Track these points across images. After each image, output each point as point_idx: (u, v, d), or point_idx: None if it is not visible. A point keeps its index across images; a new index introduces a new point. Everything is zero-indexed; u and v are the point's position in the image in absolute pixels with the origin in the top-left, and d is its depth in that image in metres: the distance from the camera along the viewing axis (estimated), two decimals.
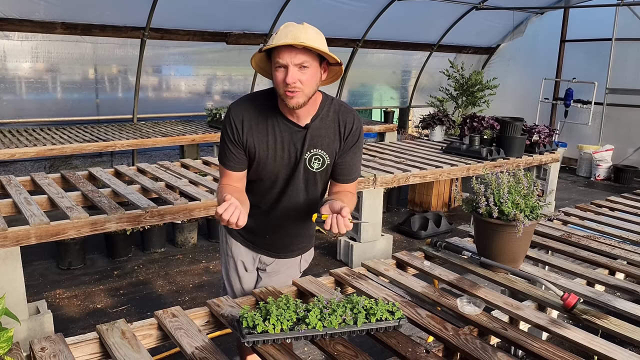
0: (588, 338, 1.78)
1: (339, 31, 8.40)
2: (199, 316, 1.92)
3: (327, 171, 2.01)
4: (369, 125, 7.90)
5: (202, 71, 8.05)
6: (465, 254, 2.47)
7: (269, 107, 1.91)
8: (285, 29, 1.74)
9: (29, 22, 6.07)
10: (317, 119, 1.92)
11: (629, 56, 8.61)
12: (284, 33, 1.72)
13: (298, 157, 1.94)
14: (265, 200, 2.05)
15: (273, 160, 1.94)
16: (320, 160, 1.96)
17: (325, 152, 1.96)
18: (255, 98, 1.95)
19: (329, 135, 1.95)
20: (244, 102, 1.95)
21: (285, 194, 2.01)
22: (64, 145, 5.31)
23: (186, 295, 3.95)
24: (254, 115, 1.90)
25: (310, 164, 1.96)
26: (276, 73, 1.76)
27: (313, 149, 1.94)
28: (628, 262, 2.54)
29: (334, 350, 1.68)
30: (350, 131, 1.96)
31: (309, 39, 1.71)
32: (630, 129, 8.68)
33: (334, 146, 1.96)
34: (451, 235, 5.40)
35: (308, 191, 2.03)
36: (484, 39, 10.35)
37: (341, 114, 1.96)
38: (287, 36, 1.70)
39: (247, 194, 2.03)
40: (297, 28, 1.73)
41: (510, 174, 2.36)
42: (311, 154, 1.94)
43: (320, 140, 1.94)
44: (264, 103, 1.92)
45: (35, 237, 2.94)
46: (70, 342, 1.68)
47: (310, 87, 1.78)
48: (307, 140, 1.92)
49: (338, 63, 1.83)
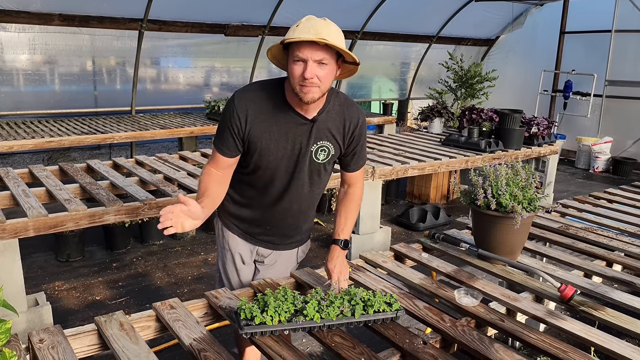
0: (585, 329, 1.79)
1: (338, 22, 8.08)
2: (197, 308, 1.92)
3: (331, 162, 2.03)
4: (367, 117, 7.88)
5: (201, 63, 8.02)
6: (463, 246, 2.47)
7: (276, 98, 1.89)
8: (308, 22, 1.72)
9: (26, 14, 6.03)
10: (324, 112, 1.92)
11: (629, 48, 8.59)
12: (306, 27, 1.70)
13: (303, 149, 1.93)
14: (267, 193, 2.03)
15: (275, 151, 1.92)
16: (326, 151, 1.97)
17: (330, 144, 1.97)
18: (262, 88, 1.92)
19: (334, 127, 1.95)
20: (250, 91, 1.92)
21: (289, 186, 2.00)
22: (62, 138, 5.29)
23: (185, 287, 3.96)
24: (260, 105, 1.88)
25: (317, 156, 1.97)
26: (294, 66, 1.75)
27: (320, 141, 1.94)
28: (625, 254, 2.55)
29: (332, 342, 1.68)
30: (356, 126, 1.99)
31: (331, 36, 1.70)
32: (629, 121, 8.67)
33: (339, 138, 1.98)
34: (449, 227, 5.41)
35: (312, 183, 2.04)
36: (483, 31, 10.32)
37: (347, 109, 1.97)
38: (310, 31, 1.68)
39: (249, 186, 2.03)
40: (319, 23, 1.72)
41: (509, 166, 2.36)
42: (318, 147, 1.95)
43: (326, 133, 1.95)
44: (271, 93, 1.90)
45: (34, 230, 2.93)
46: (68, 333, 1.69)
47: (326, 84, 1.79)
48: (313, 133, 1.92)
49: (356, 62, 1.83)
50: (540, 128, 5.59)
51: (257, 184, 2.03)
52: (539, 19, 9.91)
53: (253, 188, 2.04)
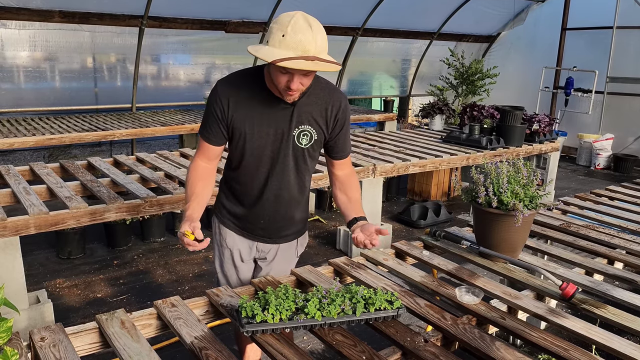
0: (586, 327, 1.79)
1: (339, 19, 8.35)
2: (198, 306, 1.92)
3: (315, 147, 2.04)
4: (368, 114, 7.88)
5: (201, 60, 8.01)
6: (464, 244, 2.47)
7: (256, 85, 1.92)
8: (295, 37, 1.68)
9: (26, 10, 6.03)
10: (304, 95, 1.93)
11: (630, 44, 8.56)
12: (293, 42, 1.68)
13: (286, 134, 1.96)
14: (255, 182, 2.05)
15: (259, 137, 1.95)
16: (308, 135, 1.99)
17: (312, 129, 1.99)
18: (243, 75, 1.97)
19: (316, 111, 1.97)
20: (232, 79, 1.97)
21: (274, 172, 2.02)
22: (63, 135, 5.29)
23: (186, 285, 3.96)
24: (241, 92, 1.92)
25: (299, 140, 1.99)
26: (278, 74, 1.76)
27: (301, 125, 1.96)
28: (627, 252, 2.55)
29: (333, 340, 1.68)
30: (338, 110, 2.01)
31: (319, 50, 1.70)
32: (630, 117, 8.65)
33: (322, 123, 2.00)
34: (450, 224, 5.41)
35: (298, 169, 2.06)
36: (484, 27, 10.29)
37: (329, 93, 1.99)
38: (297, 48, 1.67)
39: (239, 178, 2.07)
40: (307, 38, 1.69)
41: (510, 164, 2.36)
42: (299, 130, 1.97)
43: (307, 117, 1.97)
44: (251, 80, 1.93)
45: (35, 227, 2.94)
46: (70, 332, 1.69)
47: (308, 85, 1.83)
48: (294, 117, 1.94)
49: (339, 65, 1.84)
50: (542, 125, 5.59)
51: (245, 174, 2.05)
52: (540, 15, 9.89)
53: (242, 179, 2.07)
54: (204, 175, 2.04)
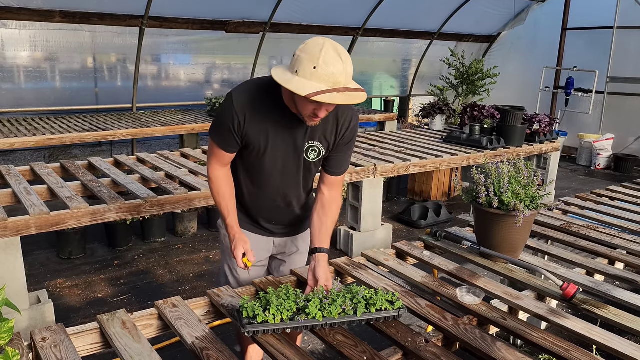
0: (587, 328, 1.79)
1: (339, 19, 8.34)
2: (199, 306, 1.92)
3: (320, 160, 2.07)
4: (369, 114, 7.87)
5: (202, 60, 8.01)
6: (465, 244, 2.47)
7: (272, 99, 1.90)
8: (327, 70, 1.66)
9: (27, 10, 6.03)
10: None
11: (631, 44, 8.55)
12: (324, 75, 1.66)
13: (299, 149, 1.98)
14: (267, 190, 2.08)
15: (272, 150, 1.96)
16: (316, 151, 2.01)
17: (321, 144, 2.00)
18: (259, 88, 1.93)
19: (327, 128, 1.97)
20: (247, 91, 1.93)
21: (283, 181, 2.06)
22: (64, 135, 5.29)
23: (187, 285, 3.96)
24: (257, 106, 1.90)
25: (307, 154, 2.00)
26: (306, 103, 1.74)
27: (312, 141, 1.98)
28: (628, 252, 2.55)
29: (334, 340, 1.69)
30: (347, 128, 2.00)
31: (348, 82, 1.71)
32: (631, 117, 8.65)
33: (330, 139, 2.00)
34: (451, 224, 5.40)
35: (305, 177, 2.10)
36: (484, 27, 10.29)
37: (341, 111, 1.97)
38: (329, 81, 1.66)
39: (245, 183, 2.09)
40: (337, 69, 1.68)
41: (511, 164, 2.36)
42: (308, 146, 1.98)
43: (319, 135, 1.97)
44: (267, 93, 1.90)
45: (36, 227, 2.94)
46: (71, 332, 1.69)
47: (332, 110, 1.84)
48: (307, 134, 1.95)
49: None
50: (542, 125, 5.59)
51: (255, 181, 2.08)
52: (541, 15, 9.88)
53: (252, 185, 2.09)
54: (226, 181, 2.05)
